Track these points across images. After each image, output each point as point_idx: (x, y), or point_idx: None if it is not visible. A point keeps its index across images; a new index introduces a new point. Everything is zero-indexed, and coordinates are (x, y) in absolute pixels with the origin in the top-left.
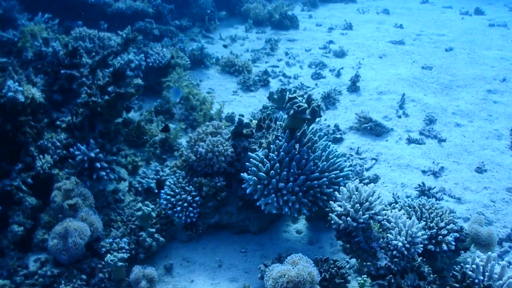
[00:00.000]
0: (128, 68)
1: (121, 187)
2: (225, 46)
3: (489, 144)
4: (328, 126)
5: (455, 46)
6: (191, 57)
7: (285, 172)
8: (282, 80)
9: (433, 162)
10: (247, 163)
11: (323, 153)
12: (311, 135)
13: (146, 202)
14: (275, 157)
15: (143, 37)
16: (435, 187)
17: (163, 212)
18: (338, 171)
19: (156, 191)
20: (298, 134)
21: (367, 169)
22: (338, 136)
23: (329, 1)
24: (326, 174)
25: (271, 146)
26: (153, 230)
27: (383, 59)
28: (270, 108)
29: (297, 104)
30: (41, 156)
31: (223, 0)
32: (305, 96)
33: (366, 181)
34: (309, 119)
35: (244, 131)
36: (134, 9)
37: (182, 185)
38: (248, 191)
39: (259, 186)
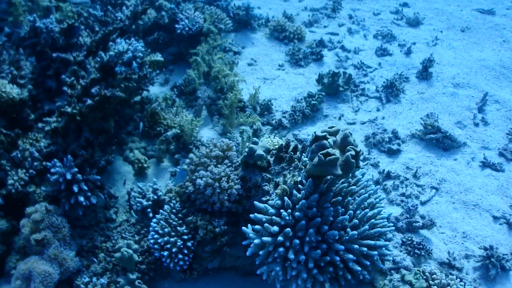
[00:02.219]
0: (119, 61)
1: (122, 192)
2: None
3: None
4: (385, 130)
5: None
6: (236, 17)
7: (297, 241)
8: (339, 54)
9: (511, 205)
10: (251, 216)
11: (359, 211)
12: (345, 184)
13: (128, 242)
14: (288, 217)
15: None
16: (506, 254)
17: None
18: (373, 241)
19: (151, 215)
20: (325, 184)
21: (423, 203)
22: (395, 147)
23: None
24: (356, 246)
25: (285, 199)
26: (134, 277)
27: (466, 34)
28: (316, 96)
29: (325, 151)
30: (13, 172)
31: None
32: (340, 134)
33: (419, 223)
34: (339, 176)
35: (258, 163)
36: None
37: (174, 223)
38: (248, 252)
39: (261, 252)
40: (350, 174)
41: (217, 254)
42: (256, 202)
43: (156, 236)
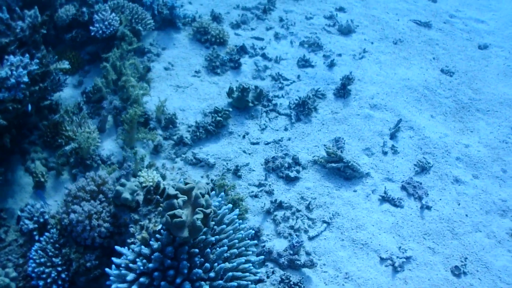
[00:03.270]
0: (3, 87)
1: (20, 204)
2: None
3: (486, 224)
4: (286, 155)
5: (492, 42)
6: (161, 14)
7: None
8: (258, 64)
9: (400, 246)
10: (112, 258)
11: (216, 263)
12: (204, 236)
13: (6, 270)
14: (142, 267)
15: None
16: None
17: None
18: None
19: (37, 238)
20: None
21: (311, 238)
22: (293, 174)
23: None
24: None
25: (142, 247)
26: None
27: (397, 47)
28: (222, 112)
29: (172, 212)
30: None
31: None
32: (194, 192)
33: (300, 262)
34: (186, 238)
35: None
36: None
37: (50, 253)
38: None
39: None
40: (214, 222)
41: (95, 282)
42: (116, 247)
43: (33, 264)
